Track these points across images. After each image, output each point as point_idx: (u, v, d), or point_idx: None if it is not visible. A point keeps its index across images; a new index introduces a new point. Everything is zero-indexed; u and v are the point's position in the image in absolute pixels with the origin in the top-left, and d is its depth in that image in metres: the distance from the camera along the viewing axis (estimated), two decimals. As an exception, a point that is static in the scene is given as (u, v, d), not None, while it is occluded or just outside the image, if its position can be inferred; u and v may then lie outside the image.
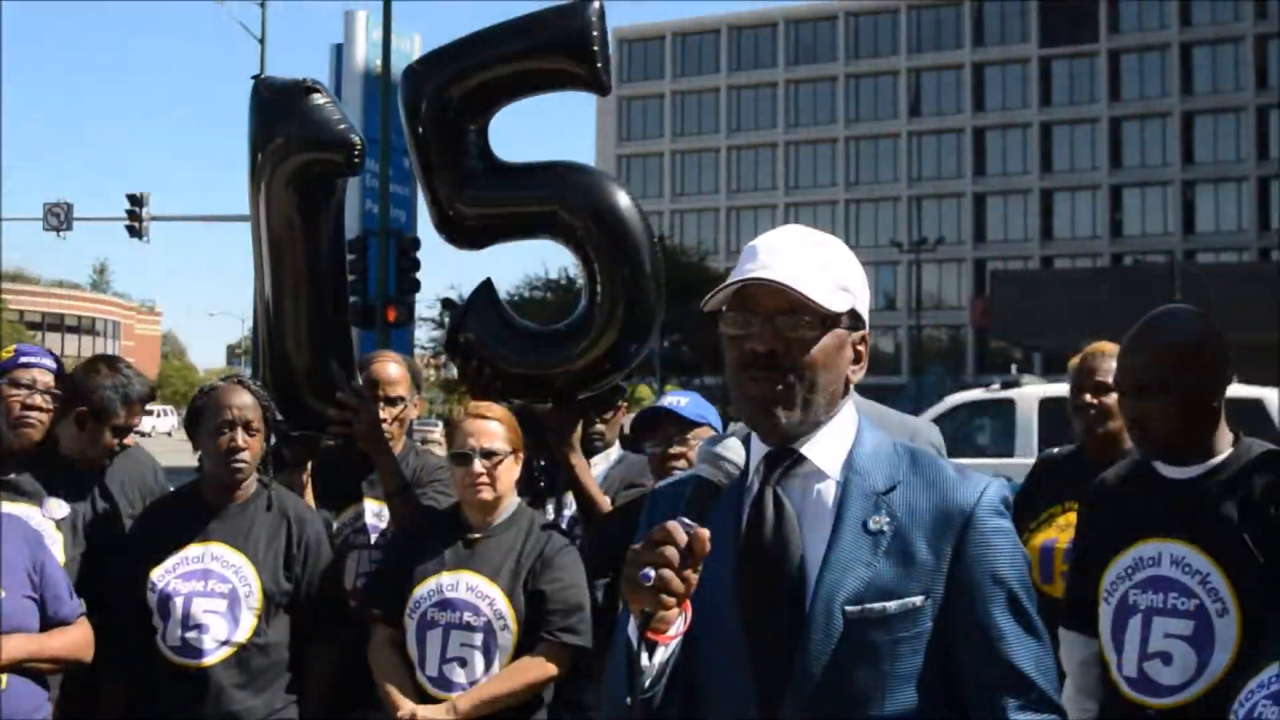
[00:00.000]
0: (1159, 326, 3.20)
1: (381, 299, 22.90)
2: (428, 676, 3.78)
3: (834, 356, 2.13)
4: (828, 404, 2.14)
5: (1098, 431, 4.33)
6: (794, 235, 2.19)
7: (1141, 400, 3.14)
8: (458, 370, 4.47)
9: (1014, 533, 2.14)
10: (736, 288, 2.12)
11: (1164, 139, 73.13)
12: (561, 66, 4.31)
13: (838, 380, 2.15)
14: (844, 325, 2.14)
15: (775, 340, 2.09)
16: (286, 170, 4.14)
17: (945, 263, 75.80)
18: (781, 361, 2.10)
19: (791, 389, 2.10)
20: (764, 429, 2.15)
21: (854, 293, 2.15)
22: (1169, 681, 3.05)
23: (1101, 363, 4.35)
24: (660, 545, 1.94)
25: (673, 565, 1.93)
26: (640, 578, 1.93)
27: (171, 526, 3.94)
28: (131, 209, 32.02)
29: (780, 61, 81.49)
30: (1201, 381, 3.13)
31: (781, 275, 2.07)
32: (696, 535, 1.95)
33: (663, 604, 1.94)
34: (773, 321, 2.10)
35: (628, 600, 1.99)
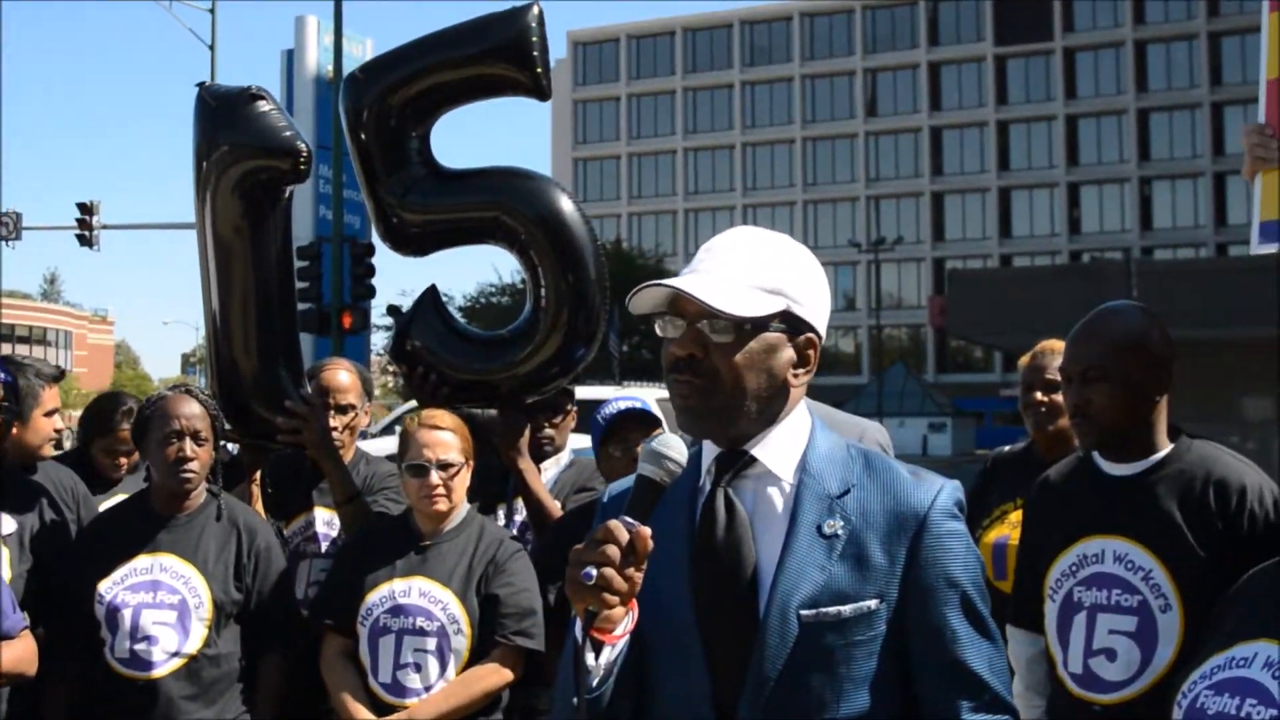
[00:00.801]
0: (1105, 318, 3.26)
1: (336, 305, 22.78)
2: (380, 683, 3.77)
3: (761, 360, 2.10)
4: (762, 408, 2.13)
5: (1048, 429, 4.37)
6: (736, 238, 2.18)
7: (1085, 387, 3.19)
8: (405, 378, 4.46)
9: (968, 535, 2.14)
10: (665, 293, 2.13)
11: (1120, 136, 73.75)
12: (502, 72, 4.31)
13: (771, 384, 2.12)
14: (774, 329, 2.12)
15: (694, 344, 2.09)
16: (232, 178, 4.13)
17: (904, 262, 76.18)
18: (702, 366, 2.09)
19: (709, 394, 2.09)
20: (690, 430, 2.16)
21: (791, 296, 2.13)
22: (1114, 677, 3.09)
23: (1051, 360, 4.38)
24: (602, 544, 1.94)
25: (614, 564, 1.93)
26: (582, 577, 1.92)
27: (119, 537, 3.91)
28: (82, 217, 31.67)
29: (736, 63, 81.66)
30: (1145, 375, 3.17)
31: (693, 284, 2.07)
32: (638, 533, 1.94)
33: (605, 603, 1.93)
34: (695, 326, 2.10)
35: (571, 600, 1.98)
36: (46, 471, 4.43)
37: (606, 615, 1.97)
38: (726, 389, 2.09)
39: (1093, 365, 3.18)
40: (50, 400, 4.21)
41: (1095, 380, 3.17)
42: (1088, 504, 3.24)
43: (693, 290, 2.05)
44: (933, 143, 77.68)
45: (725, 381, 2.09)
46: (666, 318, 2.14)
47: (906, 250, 73.39)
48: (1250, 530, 3.01)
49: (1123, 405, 3.16)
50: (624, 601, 1.98)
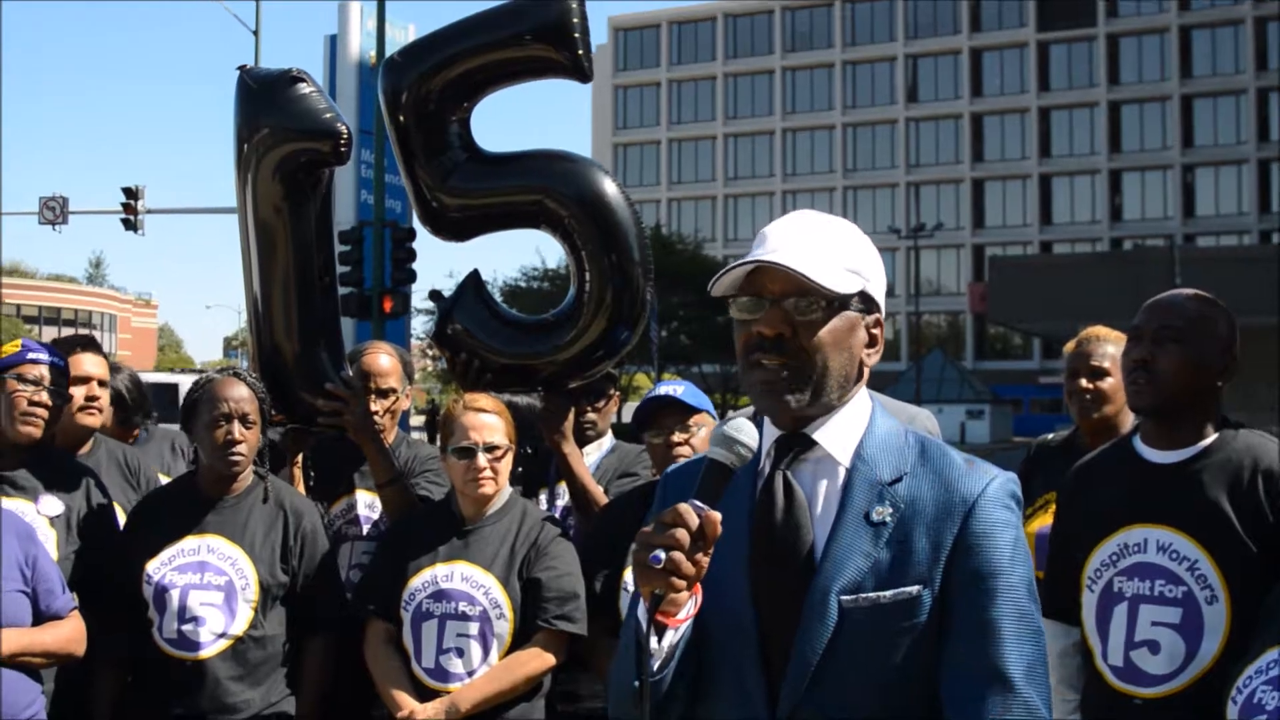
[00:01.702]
0: (1187, 292, 3.25)
1: (377, 289, 22.84)
2: (424, 668, 3.79)
3: (845, 339, 2.11)
4: (840, 388, 2.12)
5: (1092, 416, 4.33)
6: (804, 219, 2.17)
7: (1156, 346, 3.15)
8: (447, 362, 4.47)
9: (1018, 528, 2.08)
10: (745, 272, 2.10)
11: (1164, 122, 72.98)
12: (542, 54, 4.29)
13: (850, 364, 2.13)
14: (855, 308, 2.12)
15: (783, 323, 2.07)
16: (272, 160, 4.14)
17: (944, 249, 75.75)
18: (789, 345, 2.08)
19: (799, 372, 2.08)
20: (772, 413, 2.14)
21: (865, 275, 2.13)
22: (1156, 670, 3.05)
23: (1096, 347, 4.35)
24: (671, 527, 1.93)
25: (683, 548, 1.92)
26: (650, 560, 1.92)
27: (168, 519, 3.94)
28: (127, 201, 31.93)
29: (777, 48, 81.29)
30: (1216, 354, 3.15)
31: (787, 258, 2.06)
32: (707, 517, 1.93)
33: (673, 586, 1.93)
34: (780, 305, 2.08)
35: (638, 583, 1.98)
36: (110, 450, 4.50)
37: (672, 599, 1.96)
38: (816, 368, 2.08)
39: (1170, 326, 3.16)
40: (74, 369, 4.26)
41: (1169, 341, 3.14)
42: (1129, 492, 3.20)
43: (800, 267, 2.05)
44: (974, 129, 77.13)
45: (814, 360, 2.08)
46: (743, 299, 2.12)
47: (946, 236, 72.93)
48: None
49: (1189, 374, 3.13)
50: (690, 586, 1.97)
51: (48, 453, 4.09)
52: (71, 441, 4.36)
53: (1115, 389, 4.31)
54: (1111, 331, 4.44)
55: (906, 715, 2.04)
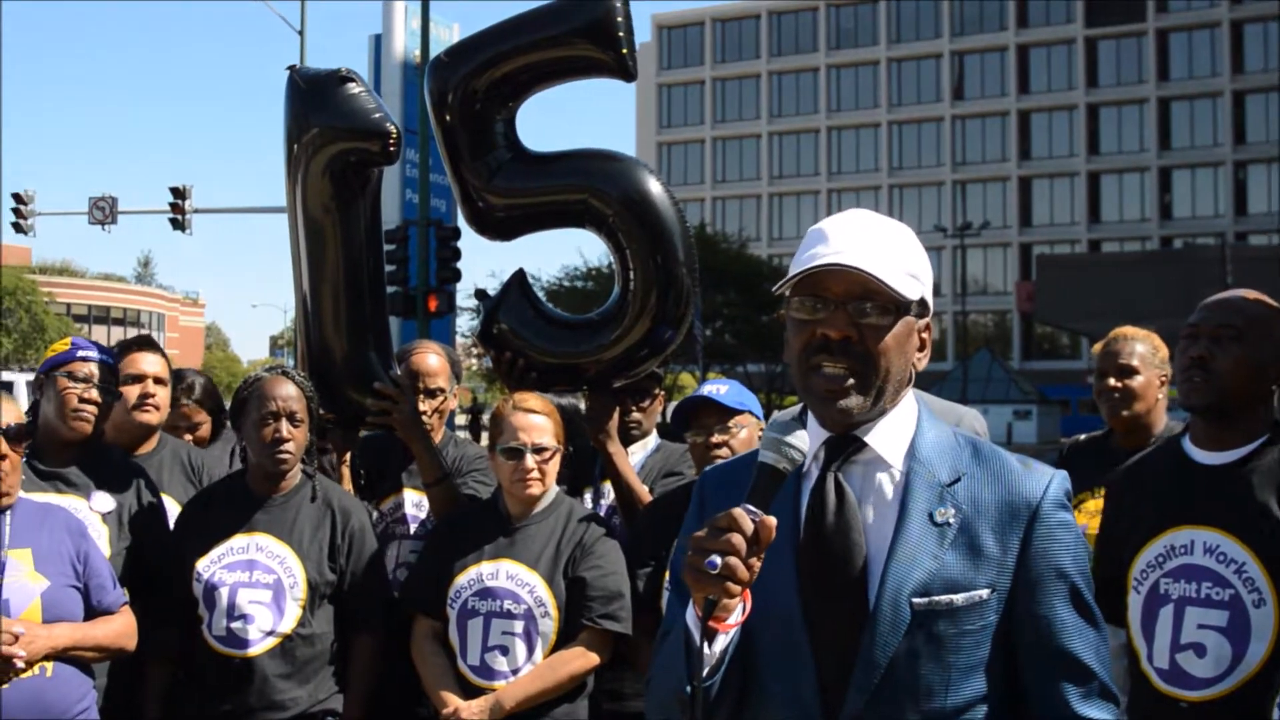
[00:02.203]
0: (1248, 292, 3.23)
1: (422, 288, 22.94)
2: (469, 666, 3.81)
3: (904, 344, 2.11)
4: (895, 392, 2.13)
5: (1121, 414, 4.32)
6: (864, 220, 2.16)
7: (1215, 344, 3.13)
8: (492, 361, 4.48)
9: (1076, 525, 2.13)
10: (806, 271, 2.09)
11: (1215, 119, 72.14)
12: (587, 53, 4.30)
13: (906, 368, 2.13)
14: (913, 313, 2.12)
15: (849, 326, 2.07)
16: (322, 160, 4.17)
17: (990, 247, 75.23)
18: (855, 348, 2.07)
19: (863, 377, 2.08)
20: (832, 416, 2.13)
21: (922, 279, 2.13)
22: (1202, 674, 3.02)
23: (1125, 345, 4.34)
24: (725, 532, 1.92)
25: (739, 553, 1.91)
26: (706, 565, 1.91)
27: (217, 517, 3.98)
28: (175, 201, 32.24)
29: (821, 46, 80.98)
30: (1273, 355, 3.13)
31: (859, 261, 2.05)
32: (763, 523, 1.93)
33: (727, 592, 1.92)
34: (845, 307, 2.07)
35: (690, 588, 1.97)
36: (174, 449, 4.54)
37: (724, 604, 1.95)
38: (879, 372, 2.09)
39: (1230, 325, 3.13)
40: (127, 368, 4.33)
41: (1228, 340, 3.12)
42: (1177, 493, 3.18)
43: (876, 271, 2.04)
44: (1020, 126, 76.55)
45: (879, 364, 2.08)
46: (804, 299, 2.11)
47: (993, 235, 72.41)
48: None
49: (1246, 373, 3.10)
50: (741, 591, 1.97)
51: (99, 450, 4.14)
52: (130, 439, 4.41)
53: (1144, 387, 4.29)
54: (1140, 330, 4.42)
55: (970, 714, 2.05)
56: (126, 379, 4.32)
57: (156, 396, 4.39)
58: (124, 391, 4.30)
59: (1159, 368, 4.36)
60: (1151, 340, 4.40)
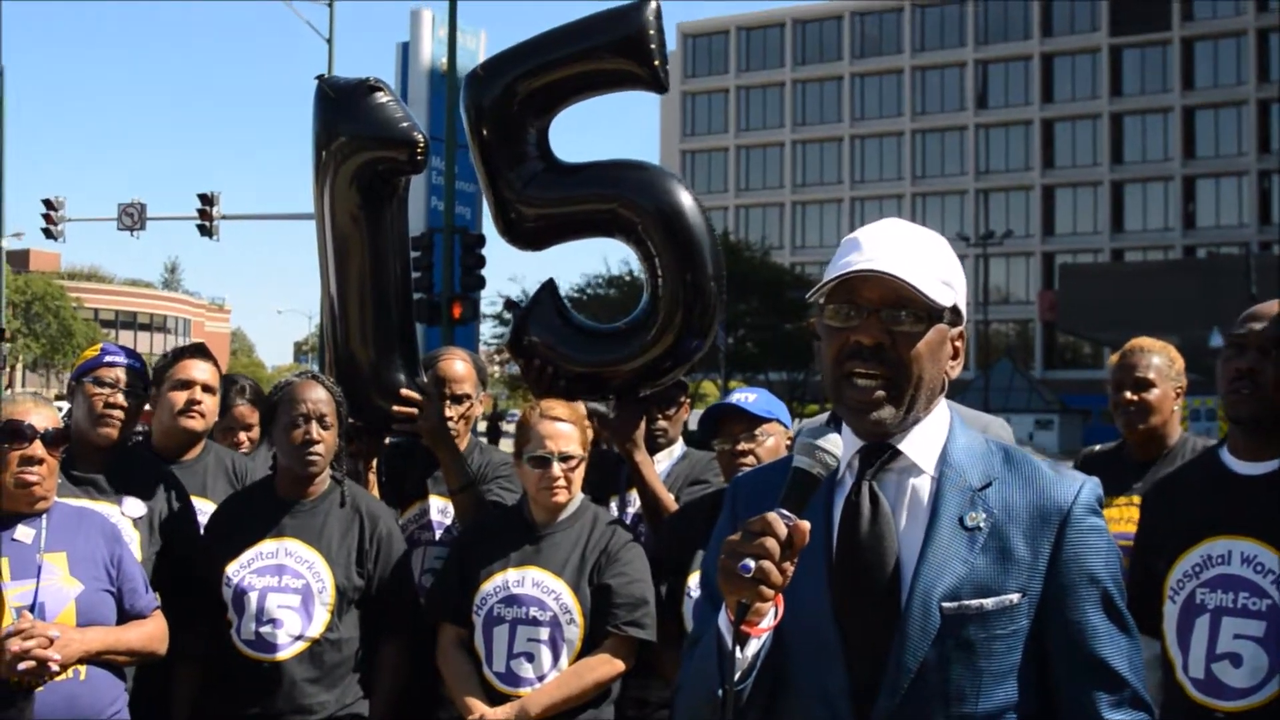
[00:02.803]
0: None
1: (447, 295, 22.97)
2: (495, 673, 3.81)
3: (937, 352, 2.12)
4: (928, 400, 2.13)
5: (1139, 427, 4.30)
6: (897, 228, 2.17)
7: (1263, 357, 3.11)
8: (521, 370, 4.49)
9: (1108, 531, 2.12)
10: (840, 278, 2.09)
11: (1239, 128, 71.79)
12: (621, 67, 4.34)
13: (939, 376, 2.13)
14: (946, 320, 2.12)
15: (882, 333, 2.07)
16: (350, 168, 4.20)
17: (1013, 256, 74.98)
18: (888, 355, 2.08)
19: (897, 384, 2.08)
20: (865, 424, 2.12)
21: (955, 288, 2.14)
22: (1238, 684, 3.01)
23: (1141, 359, 4.32)
24: (759, 536, 1.93)
25: (773, 557, 1.92)
26: (740, 569, 1.92)
27: (247, 522, 4.00)
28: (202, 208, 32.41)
29: (845, 54, 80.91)
30: None
31: (892, 267, 2.05)
32: (796, 527, 1.94)
33: (761, 596, 1.93)
34: (878, 314, 2.08)
35: (723, 592, 1.98)
36: (219, 455, 4.58)
37: (756, 608, 1.96)
38: (911, 379, 2.09)
39: (1276, 337, 3.11)
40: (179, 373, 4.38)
41: (1275, 351, 3.10)
42: (1214, 503, 3.17)
43: (910, 279, 2.05)
44: (1044, 135, 76.32)
45: (911, 372, 2.09)
46: (838, 305, 2.11)
47: (1016, 244, 72.18)
48: None
49: None
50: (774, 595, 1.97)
51: (130, 455, 4.17)
52: (176, 445, 4.44)
53: (1160, 400, 4.28)
54: (1155, 342, 4.41)
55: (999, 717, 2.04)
56: (176, 384, 4.35)
57: (203, 404, 4.40)
58: (172, 397, 4.34)
59: (1175, 380, 4.34)
60: (1168, 352, 4.37)
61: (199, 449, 4.51)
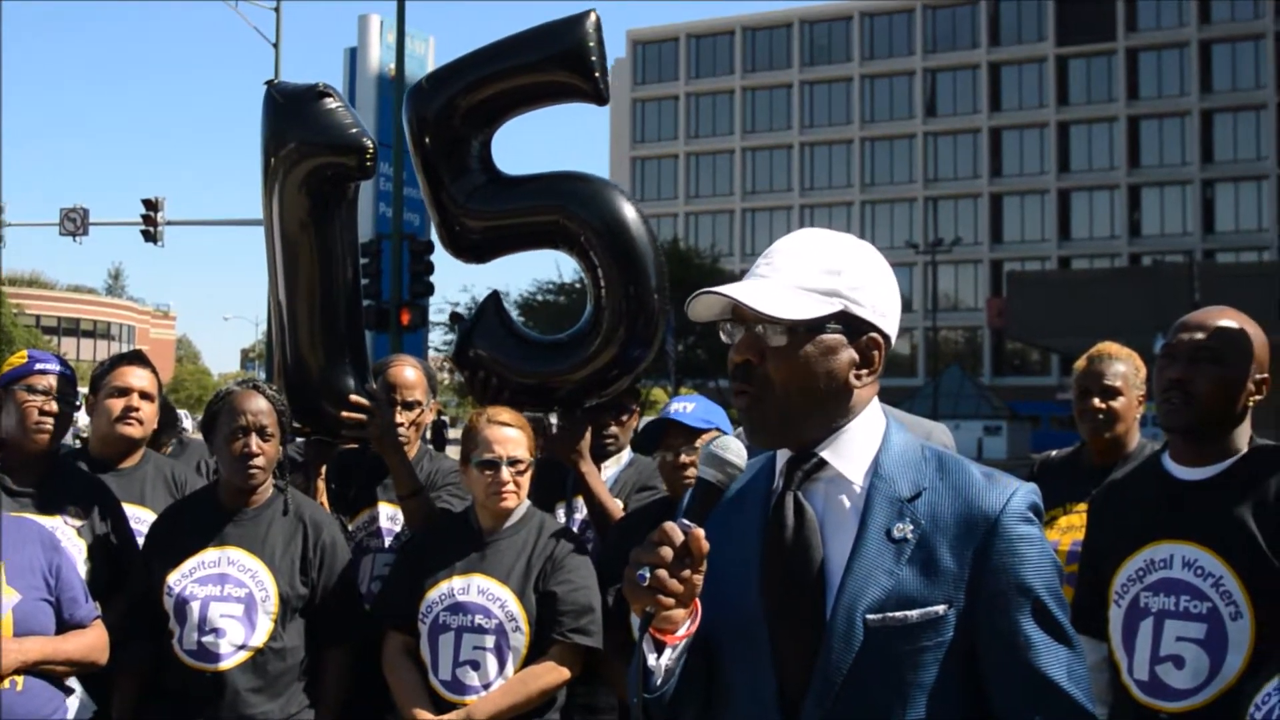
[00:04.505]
0: (1227, 311, 3.24)
1: (395, 302, 22.92)
2: (441, 681, 3.80)
3: (818, 363, 2.08)
4: (823, 411, 2.11)
5: (1104, 435, 4.33)
6: (797, 241, 2.16)
7: (1192, 366, 3.14)
8: (466, 382, 4.49)
9: (1043, 539, 2.07)
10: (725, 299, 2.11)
11: (1183, 138, 72.78)
12: (562, 79, 4.36)
13: (831, 386, 2.10)
14: (830, 330, 2.09)
15: (751, 350, 2.09)
16: (299, 174, 4.17)
17: (962, 264, 75.62)
18: (755, 372, 2.09)
19: (761, 399, 2.09)
20: (751, 440, 2.15)
21: (846, 295, 2.09)
22: (1181, 685, 3.05)
23: (1108, 366, 4.35)
24: (658, 546, 1.95)
25: (667, 564, 1.94)
26: (637, 578, 1.94)
27: (188, 530, 3.95)
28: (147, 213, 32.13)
29: (795, 62, 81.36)
30: (1250, 373, 3.15)
31: (749, 286, 2.07)
32: (692, 535, 1.95)
33: (660, 604, 1.95)
34: (751, 331, 2.09)
35: (628, 600, 1.99)
36: (158, 464, 4.54)
37: (667, 616, 1.98)
38: (779, 394, 2.08)
39: (1207, 347, 3.14)
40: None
41: (1205, 361, 3.13)
42: (1156, 508, 3.20)
43: (740, 296, 2.05)
44: (992, 143, 77.04)
45: (778, 387, 2.08)
46: (729, 324, 2.14)
47: (964, 251, 72.83)
48: None
49: (1224, 394, 3.12)
50: (684, 603, 1.99)
51: (64, 464, 4.13)
52: (113, 453, 4.40)
53: (1125, 408, 4.31)
54: (1122, 349, 4.44)
55: None
56: (113, 391, 4.33)
57: (141, 410, 4.37)
58: (109, 404, 4.32)
59: (1139, 388, 4.38)
60: (1133, 360, 4.41)
61: (138, 456, 4.47)
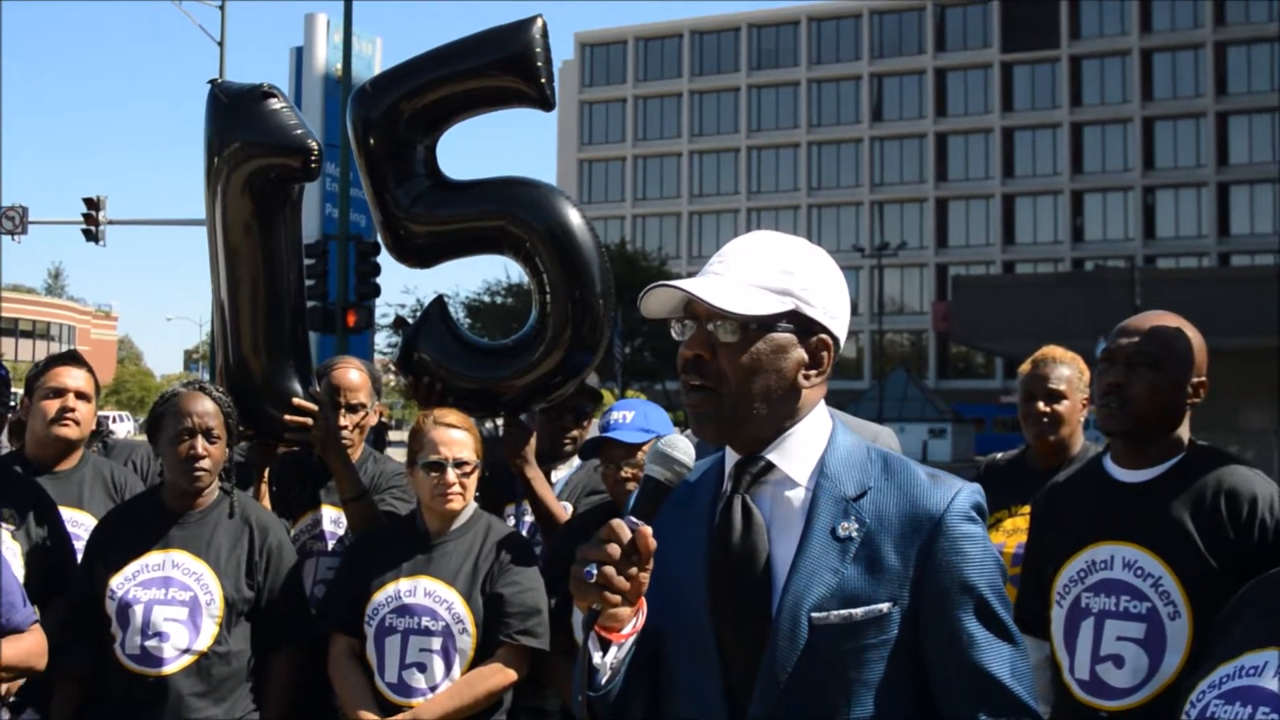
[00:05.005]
0: (1165, 316, 3.29)
1: (341, 303, 22.77)
2: (387, 683, 3.78)
3: (769, 361, 2.10)
4: (771, 410, 2.12)
5: (1049, 438, 4.37)
6: (752, 240, 2.18)
7: (1130, 371, 3.19)
8: (410, 386, 4.47)
9: (986, 538, 2.09)
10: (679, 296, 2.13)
11: (1125, 144, 73.57)
12: (508, 84, 4.34)
13: (780, 385, 2.11)
14: (781, 329, 2.11)
15: (702, 346, 2.10)
16: (242, 175, 4.15)
17: (907, 267, 76.10)
18: (708, 368, 2.10)
19: (714, 395, 2.10)
20: (702, 436, 2.15)
21: (799, 296, 2.11)
22: (1121, 684, 3.09)
23: (1053, 370, 4.39)
24: (605, 543, 1.96)
25: (614, 562, 1.95)
26: (584, 575, 1.95)
27: (132, 533, 3.91)
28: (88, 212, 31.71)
29: (743, 66, 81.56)
30: (1187, 377, 3.20)
31: (703, 282, 2.08)
32: (640, 533, 1.96)
33: (606, 601, 1.96)
34: (704, 326, 2.10)
35: (575, 597, 2.00)
36: (97, 466, 4.48)
37: (613, 614, 1.99)
38: (732, 390, 2.09)
39: (1144, 351, 3.19)
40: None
41: (1142, 365, 3.18)
42: (1097, 510, 3.25)
43: (696, 290, 2.06)
44: (938, 148, 77.57)
45: (730, 383, 2.09)
46: (681, 321, 2.14)
47: (910, 255, 73.31)
48: (1261, 539, 3.02)
49: (1161, 398, 3.17)
50: (630, 601, 2.00)
51: (1, 466, 4.08)
52: (50, 455, 4.35)
53: (1070, 411, 4.35)
54: (1066, 352, 4.48)
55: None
56: (48, 393, 4.28)
57: (77, 411, 4.32)
58: (44, 406, 4.27)
59: (1083, 391, 4.42)
60: (1077, 363, 4.45)
61: (75, 458, 4.42)
